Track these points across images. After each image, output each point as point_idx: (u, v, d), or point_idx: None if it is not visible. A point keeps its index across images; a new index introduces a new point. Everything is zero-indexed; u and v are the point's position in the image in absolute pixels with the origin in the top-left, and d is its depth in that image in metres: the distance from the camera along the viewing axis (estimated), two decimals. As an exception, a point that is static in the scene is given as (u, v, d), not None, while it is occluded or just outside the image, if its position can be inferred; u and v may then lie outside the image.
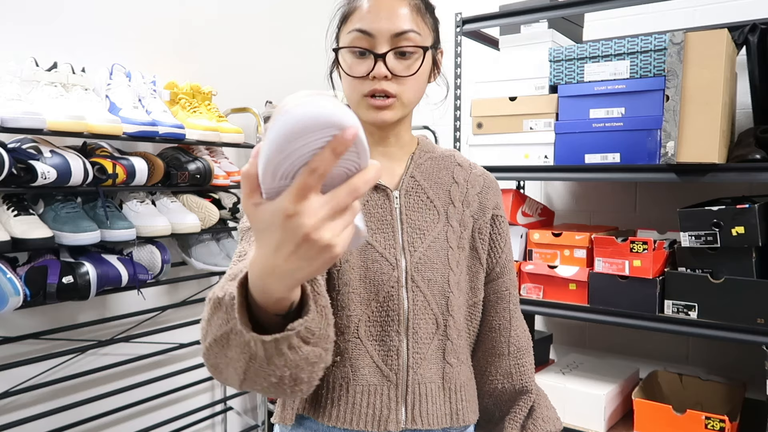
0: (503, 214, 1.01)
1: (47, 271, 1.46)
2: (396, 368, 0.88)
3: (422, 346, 0.90)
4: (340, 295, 0.87)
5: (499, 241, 0.99)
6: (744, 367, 1.97)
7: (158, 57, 2.00)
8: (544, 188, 2.41)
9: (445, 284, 0.92)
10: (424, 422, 0.89)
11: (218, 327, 0.66)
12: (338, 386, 0.87)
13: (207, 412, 2.16)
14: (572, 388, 1.83)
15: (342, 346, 0.87)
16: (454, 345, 0.93)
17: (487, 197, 0.99)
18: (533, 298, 1.89)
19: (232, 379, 0.68)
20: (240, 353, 0.64)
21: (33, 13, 1.68)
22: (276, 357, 0.62)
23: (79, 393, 1.79)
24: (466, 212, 0.96)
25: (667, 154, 1.59)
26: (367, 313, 0.88)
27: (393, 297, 0.88)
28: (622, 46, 1.70)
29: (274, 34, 2.43)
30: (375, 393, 0.87)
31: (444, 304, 0.91)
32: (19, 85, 1.48)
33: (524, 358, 1.01)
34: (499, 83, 1.94)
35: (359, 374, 0.87)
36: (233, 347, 0.64)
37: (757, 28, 1.71)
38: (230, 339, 0.64)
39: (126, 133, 1.61)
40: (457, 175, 0.98)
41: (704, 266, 1.63)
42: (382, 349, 0.88)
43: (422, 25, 0.89)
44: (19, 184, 1.42)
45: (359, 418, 0.87)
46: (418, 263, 0.90)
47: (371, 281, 0.88)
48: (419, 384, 0.89)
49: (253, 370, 0.64)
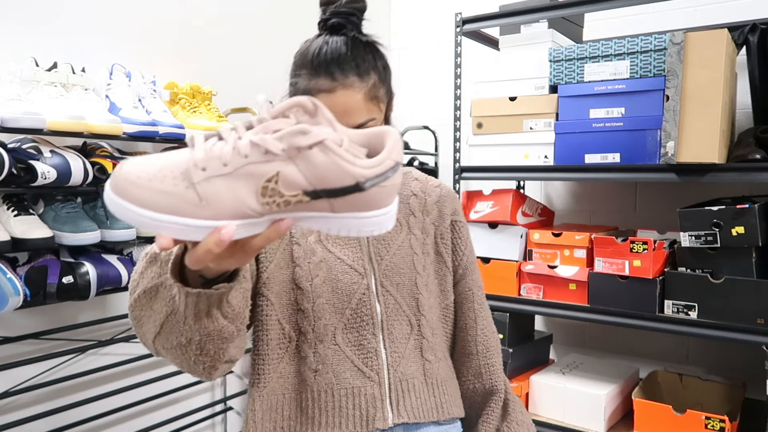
0: (462, 219, 1.06)
1: (47, 271, 1.46)
2: (377, 368, 0.92)
3: (399, 345, 0.95)
4: (315, 307, 0.92)
5: (460, 244, 1.05)
6: (744, 367, 1.97)
7: (158, 57, 2.00)
8: (544, 188, 2.41)
9: (413, 287, 0.98)
10: (411, 416, 0.93)
11: (150, 279, 0.74)
12: (323, 393, 0.91)
13: (207, 412, 2.16)
14: (572, 388, 1.83)
15: (322, 354, 0.92)
16: (430, 343, 0.98)
17: (444, 205, 1.05)
18: (533, 298, 1.89)
19: (148, 332, 0.75)
20: (164, 306, 0.71)
21: (33, 13, 1.68)
22: (193, 318, 0.68)
23: (79, 393, 1.79)
24: (426, 220, 1.03)
25: (667, 154, 1.59)
26: (342, 321, 0.93)
27: (365, 303, 0.93)
28: (622, 46, 1.70)
29: (274, 34, 2.43)
30: (360, 394, 0.91)
31: (414, 305, 0.97)
32: (19, 85, 1.48)
33: (493, 358, 1.05)
34: (499, 83, 1.94)
35: (342, 378, 0.91)
36: (159, 299, 0.72)
37: (757, 28, 1.71)
38: (159, 291, 0.72)
39: (126, 133, 1.61)
40: (414, 188, 1.04)
41: (704, 266, 1.63)
42: (361, 353, 0.93)
43: (378, 106, 0.90)
44: (19, 184, 1.42)
45: (347, 420, 0.90)
46: (386, 270, 0.96)
47: (343, 291, 0.93)
48: (401, 381, 0.94)
49: (170, 325, 0.71)
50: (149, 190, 0.54)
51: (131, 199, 0.54)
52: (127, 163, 0.55)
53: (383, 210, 0.59)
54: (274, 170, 0.56)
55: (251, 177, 0.56)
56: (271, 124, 0.57)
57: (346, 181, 0.56)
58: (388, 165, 0.57)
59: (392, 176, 0.58)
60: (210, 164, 0.56)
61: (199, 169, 0.55)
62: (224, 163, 0.56)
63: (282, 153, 0.55)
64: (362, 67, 0.87)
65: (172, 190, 0.55)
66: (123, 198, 0.54)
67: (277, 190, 0.56)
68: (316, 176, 0.56)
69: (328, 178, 0.56)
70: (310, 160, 0.55)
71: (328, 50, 0.87)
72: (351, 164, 0.56)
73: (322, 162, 0.55)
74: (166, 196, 0.55)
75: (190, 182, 0.55)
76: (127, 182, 0.55)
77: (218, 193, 0.55)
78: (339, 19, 0.89)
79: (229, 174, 0.56)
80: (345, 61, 0.86)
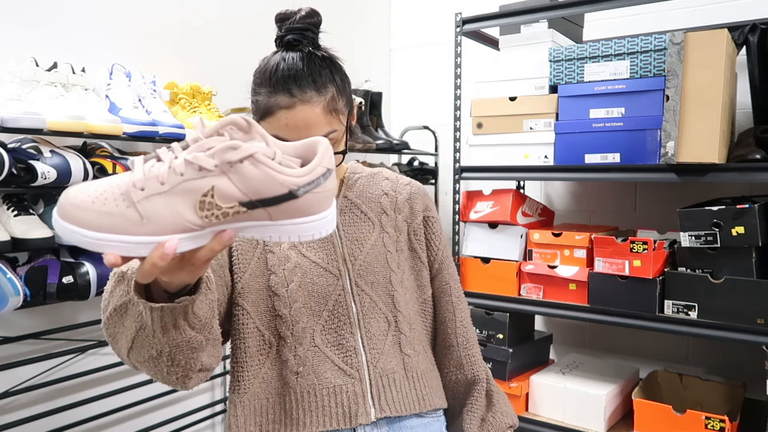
0: (434, 215, 1.09)
1: (47, 271, 1.46)
2: (357, 365, 0.95)
3: (377, 342, 0.97)
4: (292, 311, 0.94)
5: (434, 240, 1.07)
6: (744, 367, 1.97)
7: (158, 57, 2.00)
8: (544, 188, 2.41)
9: (388, 284, 1.00)
10: (393, 410, 0.95)
11: (119, 297, 0.76)
12: (306, 394, 0.93)
13: (207, 412, 2.16)
14: (572, 388, 1.83)
15: (302, 356, 0.94)
16: (408, 337, 1.01)
17: (415, 202, 1.07)
18: (533, 298, 1.89)
19: (122, 348, 0.78)
20: (133, 321, 0.74)
21: (33, 13, 1.68)
22: (161, 331, 0.71)
23: (79, 393, 1.79)
24: (398, 218, 1.05)
25: (667, 154, 1.59)
26: (320, 323, 0.95)
27: (341, 304, 0.96)
28: (622, 46, 1.70)
29: (274, 34, 2.43)
30: (341, 392, 0.94)
31: (390, 302, 1.00)
32: (19, 85, 1.48)
33: (473, 349, 1.08)
34: (499, 83, 1.94)
35: (323, 378, 0.94)
36: (129, 316, 0.75)
37: (757, 28, 1.71)
38: (128, 308, 0.75)
39: (126, 133, 1.61)
40: (385, 187, 1.07)
41: (704, 266, 1.63)
42: (341, 352, 0.95)
43: (338, 118, 0.92)
44: (19, 184, 1.42)
45: (331, 418, 0.93)
46: (360, 270, 0.98)
47: (319, 294, 0.95)
48: (381, 376, 0.96)
49: (140, 340, 0.74)
50: (93, 212, 0.58)
51: (76, 222, 0.58)
52: (72, 189, 0.59)
53: (320, 215, 0.63)
54: (208, 185, 0.59)
55: (188, 193, 0.59)
56: (204, 143, 0.60)
57: (279, 190, 0.59)
58: (319, 172, 0.61)
59: (324, 182, 0.61)
60: (148, 184, 0.59)
61: (138, 189, 0.59)
62: (161, 182, 0.59)
63: (215, 168, 0.59)
64: (319, 81, 0.89)
65: (113, 210, 0.58)
66: (68, 221, 0.58)
67: (214, 203, 0.59)
68: (250, 188, 0.59)
69: (262, 189, 0.59)
70: (243, 173, 0.59)
71: (285, 67, 0.90)
72: (282, 174, 0.60)
73: (253, 174, 0.59)
74: (108, 216, 0.58)
75: (130, 202, 0.59)
76: (71, 206, 0.58)
77: (158, 210, 0.59)
78: (294, 35, 0.93)
79: (167, 192, 0.59)
80: (302, 77, 0.89)
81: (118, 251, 0.59)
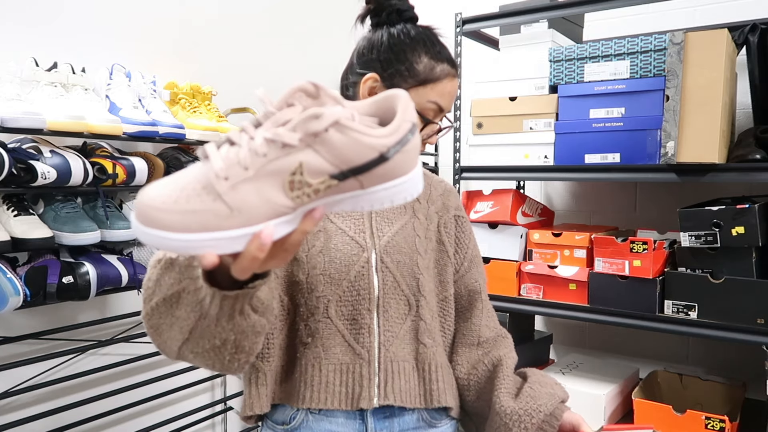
0: (465, 215, 1.09)
1: (47, 271, 1.46)
2: (368, 345, 0.91)
3: (393, 324, 0.93)
4: (309, 278, 0.90)
5: (464, 239, 1.06)
6: (744, 367, 1.97)
7: (158, 57, 2.00)
8: (544, 188, 2.41)
9: (415, 267, 0.96)
10: (397, 399, 0.91)
11: (169, 286, 0.70)
12: (310, 367, 0.90)
13: (207, 412, 2.16)
14: (572, 388, 1.83)
15: (312, 327, 0.90)
16: (428, 325, 0.96)
17: (449, 199, 1.07)
18: (533, 298, 1.89)
19: (172, 340, 0.71)
20: (190, 311, 0.68)
21: (33, 13, 1.68)
22: (226, 319, 0.67)
23: (79, 393, 1.79)
24: (431, 208, 1.04)
25: (667, 154, 1.59)
26: (338, 293, 0.91)
27: (363, 276, 0.91)
28: (622, 46, 1.70)
29: (274, 34, 2.43)
30: (347, 371, 0.90)
31: (415, 285, 0.95)
32: (19, 85, 1.48)
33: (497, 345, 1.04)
34: (499, 83, 1.94)
35: (331, 353, 0.90)
36: (183, 306, 0.68)
37: (757, 28, 1.71)
38: (181, 298, 0.68)
39: (126, 133, 1.61)
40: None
41: (704, 266, 1.63)
42: (353, 328, 0.91)
43: None
44: (19, 184, 1.42)
45: (333, 397, 0.89)
46: (387, 246, 0.95)
47: (341, 262, 0.91)
48: (391, 361, 0.92)
49: (200, 330, 0.69)
50: (177, 212, 0.53)
51: (162, 226, 0.53)
52: (148, 190, 0.54)
53: (410, 175, 0.58)
54: (296, 162, 0.54)
55: (275, 174, 0.54)
56: (279, 116, 0.56)
57: (369, 155, 0.55)
58: (405, 128, 0.56)
59: (412, 138, 0.57)
60: (231, 172, 0.54)
61: (221, 179, 0.54)
62: (245, 167, 0.54)
63: (299, 143, 0.54)
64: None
65: (199, 207, 0.53)
66: (152, 226, 0.53)
67: (304, 181, 0.55)
68: (339, 157, 0.54)
69: (352, 156, 0.54)
70: (329, 142, 0.54)
71: (438, 40, 0.98)
72: (370, 137, 0.55)
73: (341, 141, 0.54)
74: (195, 214, 0.53)
75: (216, 194, 0.54)
76: (152, 209, 0.53)
77: (246, 198, 0.54)
78: (411, 12, 1.01)
79: (253, 177, 0.54)
80: (450, 52, 0.99)
81: (214, 250, 0.54)
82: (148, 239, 0.53)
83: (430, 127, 0.97)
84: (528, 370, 1.02)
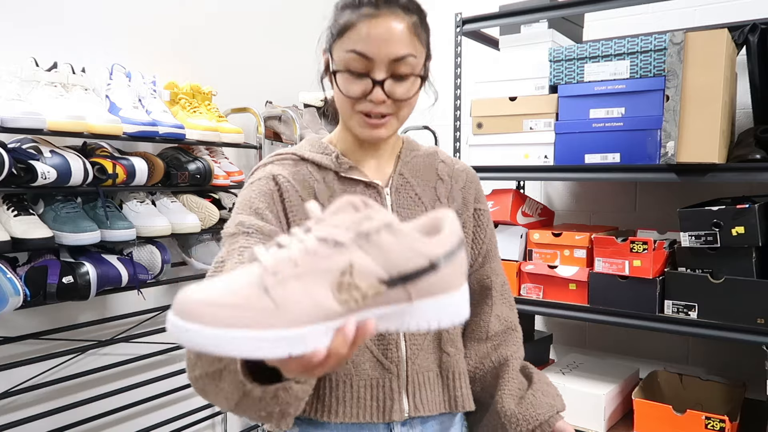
0: (484, 207, 1.05)
1: (47, 271, 1.46)
2: (396, 360, 0.92)
3: (419, 337, 0.94)
4: None
5: (480, 233, 1.04)
6: (744, 367, 1.97)
7: (158, 57, 2.01)
8: (544, 188, 2.41)
9: None
10: (425, 409, 0.93)
11: (210, 363, 0.70)
12: (342, 383, 0.90)
13: (207, 412, 2.16)
14: (572, 388, 1.83)
15: None
16: (451, 334, 0.97)
17: (469, 192, 1.04)
18: (533, 298, 1.89)
19: (221, 405, 0.73)
20: (234, 389, 0.68)
21: (33, 14, 1.68)
22: (269, 398, 0.68)
23: (79, 393, 1.79)
24: (451, 207, 1.01)
25: (667, 154, 1.59)
26: None
27: None
28: (622, 46, 1.70)
29: (274, 34, 2.43)
30: (378, 386, 0.91)
31: None
32: (19, 85, 1.48)
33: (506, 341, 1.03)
34: (499, 83, 1.94)
35: (361, 369, 0.90)
36: (226, 381, 0.68)
37: (757, 28, 1.71)
38: (223, 375, 0.68)
39: (126, 133, 1.61)
40: (441, 172, 1.02)
41: (704, 266, 1.63)
42: (381, 344, 0.92)
43: (418, 45, 0.87)
44: (19, 184, 1.42)
45: (365, 411, 0.90)
46: None
47: None
48: (418, 373, 0.93)
49: (245, 405, 0.70)
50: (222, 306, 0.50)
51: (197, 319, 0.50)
52: (191, 288, 0.52)
53: (458, 292, 0.57)
54: (346, 261, 0.54)
55: (325, 273, 0.54)
56: (329, 221, 0.56)
57: (419, 261, 0.55)
58: (455, 241, 0.56)
59: (459, 253, 0.57)
60: (280, 267, 0.53)
61: (270, 274, 0.53)
62: (295, 263, 0.53)
63: (351, 242, 0.54)
64: (407, 4, 0.85)
65: (244, 302, 0.51)
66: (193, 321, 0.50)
67: (353, 284, 0.54)
68: (389, 261, 0.54)
69: (401, 261, 0.54)
70: (380, 244, 0.54)
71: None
72: (421, 242, 0.55)
73: (391, 245, 0.54)
74: (237, 309, 0.51)
75: (263, 289, 0.52)
76: (196, 303, 0.50)
77: (293, 296, 0.52)
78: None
79: (302, 273, 0.53)
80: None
81: (254, 353, 0.51)
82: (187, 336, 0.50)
83: (362, 82, 0.85)
84: (534, 373, 1.03)
